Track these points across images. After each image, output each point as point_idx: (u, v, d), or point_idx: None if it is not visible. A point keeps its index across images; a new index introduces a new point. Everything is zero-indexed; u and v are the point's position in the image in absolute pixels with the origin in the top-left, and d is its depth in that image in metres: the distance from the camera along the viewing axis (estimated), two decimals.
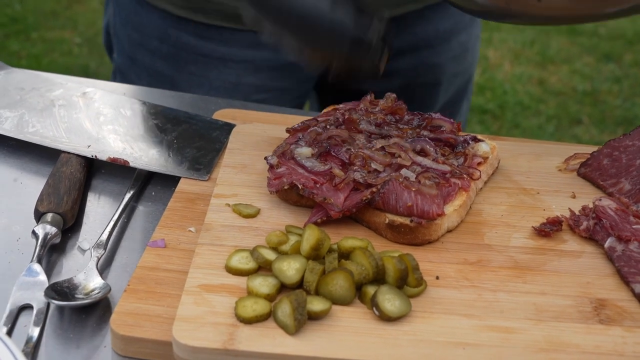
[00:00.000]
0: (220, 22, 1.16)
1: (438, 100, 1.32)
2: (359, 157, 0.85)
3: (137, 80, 1.24)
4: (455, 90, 1.34)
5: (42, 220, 0.83)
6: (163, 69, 1.22)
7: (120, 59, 1.28)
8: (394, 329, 0.70)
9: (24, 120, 1.00)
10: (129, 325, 0.71)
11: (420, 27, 1.23)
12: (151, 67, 1.22)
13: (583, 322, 0.72)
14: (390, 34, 0.84)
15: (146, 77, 1.23)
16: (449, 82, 1.31)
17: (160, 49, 1.21)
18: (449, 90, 1.32)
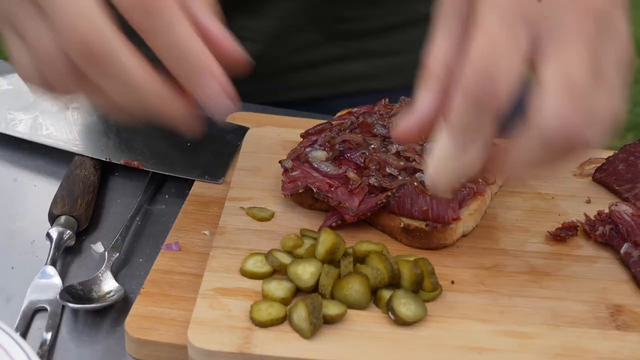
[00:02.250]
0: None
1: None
2: (373, 161, 0.85)
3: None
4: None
5: (57, 223, 0.83)
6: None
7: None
8: (409, 334, 0.69)
9: (38, 122, 1.00)
10: (143, 329, 0.71)
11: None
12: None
13: (599, 327, 0.72)
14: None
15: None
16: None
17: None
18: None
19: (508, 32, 0.59)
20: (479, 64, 0.58)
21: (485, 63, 0.58)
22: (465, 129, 0.60)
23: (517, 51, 0.59)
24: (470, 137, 0.60)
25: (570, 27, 0.60)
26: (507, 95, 0.59)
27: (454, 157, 0.61)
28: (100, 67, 0.63)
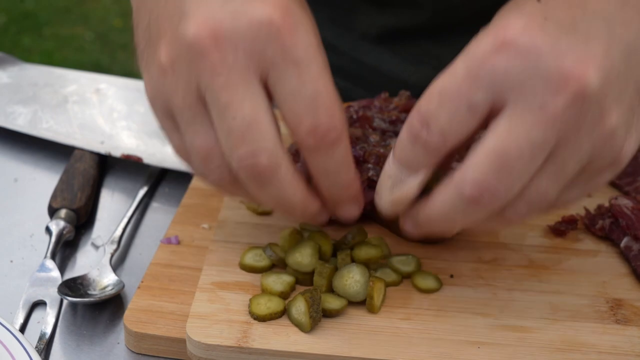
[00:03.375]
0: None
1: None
2: (373, 155, 0.85)
3: None
4: None
5: (56, 217, 0.84)
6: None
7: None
8: (408, 327, 0.69)
9: (38, 116, 1.00)
10: (142, 322, 0.71)
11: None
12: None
13: (599, 321, 0.72)
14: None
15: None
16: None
17: None
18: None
19: (465, 83, 0.59)
20: (423, 105, 0.60)
21: (427, 105, 0.60)
22: (403, 161, 0.62)
23: (467, 104, 0.58)
24: (406, 168, 0.63)
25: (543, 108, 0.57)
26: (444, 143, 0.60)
27: (392, 184, 0.64)
28: (262, 183, 0.63)
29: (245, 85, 0.61)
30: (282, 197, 0.65)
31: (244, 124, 0.61)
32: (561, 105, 0.57)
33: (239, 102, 0.61)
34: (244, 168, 0.62)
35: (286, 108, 0.62)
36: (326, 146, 0.63)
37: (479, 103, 0.58)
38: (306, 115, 0.61)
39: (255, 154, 0.61)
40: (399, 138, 0.62)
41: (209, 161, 0.65)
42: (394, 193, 0.65)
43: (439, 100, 0.59)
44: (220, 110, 0.61)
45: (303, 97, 0.61)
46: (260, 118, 0.61)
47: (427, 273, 0.75)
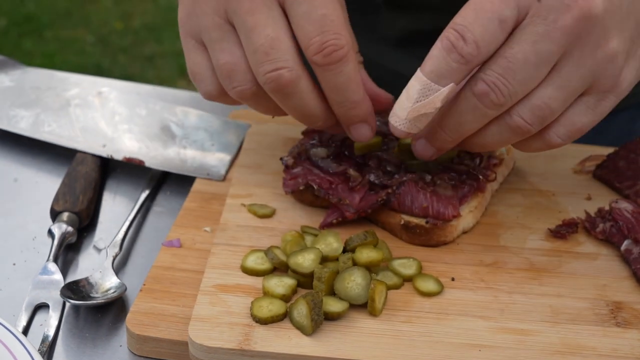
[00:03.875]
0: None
1: None
2: (373, 158, 0.85)
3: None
4: None
5: (58, 220, 0.84)
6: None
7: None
8: (409, 330, 0.70)
9: (40, 119, 1.00)
10: (144, 325, 0.71)
11: None
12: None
13: (599, 324, 0.72)
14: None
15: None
16: None
17: None
18: None
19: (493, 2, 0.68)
20: (459, 19, 0.69)
21: (464, 19, 0.68)
22: (432, 72, 0.70)
23: (498, 18, 0.67)
24: (435, 79, 0.70)
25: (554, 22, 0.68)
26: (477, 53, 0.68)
27: (417, 99, 0.71)
28: (284, 95, 0.74)
29: (267, 10, 0.72)
30: (304, 107, 0.75)
31: (267, 43, 0.71)
32: (569, 21, 0.67)
33: (263, 25, 0.71)
34: (269, 81, 0.72)
35: (299, 29, 0.72)
36: (333, 63, 0.72)
37: (508, 17, 0.68)
38: (315, 35, 0.71)
39: (278, 69, 0.72)
40: (429, 54, 0.70)
41: (233, 75, 0.75)
42: (418, 107, 0.71)
43: (474, 15, 0.68)
44: (247, 32, 0.72)
45: (312, 19, 0.71)
46: (282, 38, 0.72)
47: (428, 276, 0.76)
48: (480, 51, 0.68)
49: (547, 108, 0.70)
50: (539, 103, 0.70)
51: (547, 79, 0.70)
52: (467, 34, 0.68)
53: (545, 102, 0.70)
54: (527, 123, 0.71)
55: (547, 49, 0.68)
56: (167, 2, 4.13)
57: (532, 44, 0.68)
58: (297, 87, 0.73)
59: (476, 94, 0.70)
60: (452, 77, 0.70)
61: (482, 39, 0.68)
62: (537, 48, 0.68)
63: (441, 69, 0.69)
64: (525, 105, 0.71)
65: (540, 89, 0.70)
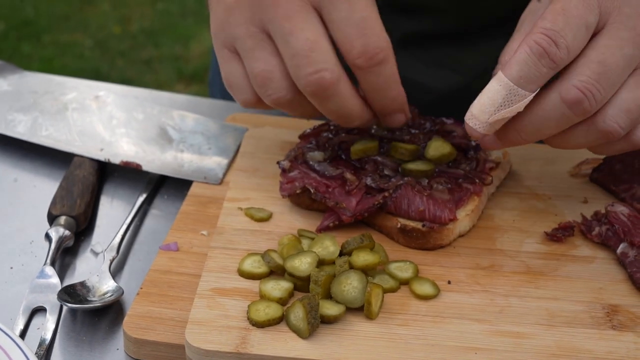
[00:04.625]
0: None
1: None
2: (370, 162, 0.85)
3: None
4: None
5: (56, 223, 0.84)
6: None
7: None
8: (405, 333, 0.70)
9: (38, 123, 1.00)
10: (141, 328, 0.71)
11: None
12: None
13: (595, 327, 0.72)
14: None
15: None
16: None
17: None
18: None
19: (582, 6, 0.70)
20: (549, 24, 0.70)
21: (554, 24, 0.70)
22: (520, 77, 0.70)
23: (585, 23, 0.70)
24: (522, 85, 0.70)
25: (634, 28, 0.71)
26: (567, 58, 0.70)
27: (501, 104, 0.72)
28: (325, 97, 0.75)
29: (303, 14, 0.72)
30: (343, 108, 0.77)
31: (307, 46, 0.72)
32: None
33: (301, 28, 0.72)
34: (310, 84, 0.73)
35: (339, 34, 0.73)
36: (375, 65, 0.73)
37: (592, 24, 0.70)
38: (356, 39, 0.72)
39: (319, 71, 0.73)
40: (516, 59, 0.71)
41: (269, 83, 0.76)
42: (503, 113, 0.72)
43: (564, 20, 0.70)
44: (285, 37, 0.73)
45: (352, 23, 0.72)
46: (320, 41, 0.73)
47: (425, 279, 0.76)
48: (570, 56, 0.70)
49: (636, 104, 0.72)
50: (632, 106, 0.72)
51: (632, 82, 0.72)
52: (559, 40, 0.69)
53: (634, 99, 0.72)
54: (621, 127, 0.73)
55: (632, 54, 0.71)
56: (165, 7, 4.13)
57: (619, 49, 0.70)
58: (337, 89, 0.74)
59: (567, 101, 0.71)
60: (540, 82, 0.71)
61: (573, 45, 0.70)
62: (624, 53, 0.71)
63: (531, 74, 0.70)
64: (618, 108, 0.72)
65: (628, 92, 0.72)
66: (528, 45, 0.70)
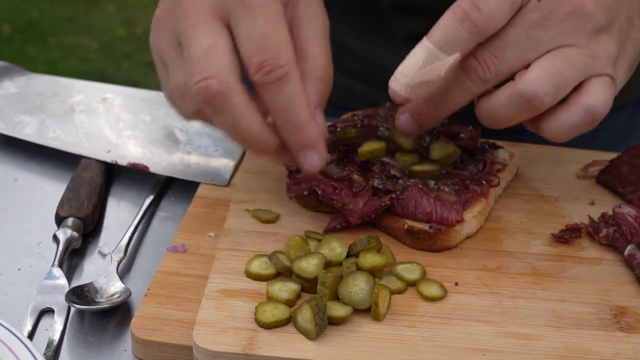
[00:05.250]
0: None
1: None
2: (377, 163, 0.85)
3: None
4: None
5: (63, 225, 0.84)
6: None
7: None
8: (413, 335, 0.70)
9: (45, 125, 1.00)
10: (149, 330, 0.71)
11: None
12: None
13: (603, 329, 0.72)
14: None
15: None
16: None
17: None
18: None
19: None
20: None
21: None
22: (441, 40, 0.71)
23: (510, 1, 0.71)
24: (443, 48, 0.71)
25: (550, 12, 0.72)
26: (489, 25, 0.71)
27: (422, 65, 0.72)
28: (215, 109, 0.71)
29: (208, 25, 0.70)
30: (236, 125, 0.71)
31: (199, 52, 0.69)
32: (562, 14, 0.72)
33: (200, 37, 0.70)
34: (198, 92, 0.70)
35: (242, 47, 0.70)
36: (273, 82, 0.69)
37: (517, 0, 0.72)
38: (255, 54, 0.69)
39: (207, 78, 0.69)
40: (439, 23, 0.72)
41: (184, 96, 0.73)
42: (421, 74, 0.71)
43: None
44: (186, 46, 0.71)
45: (254, 38, 0.69)
46: (216, 49, 0.70)
47: (432, 281, 0.76)
48: (492, 24, 0.71)
49: (561, 77, 0.73)
50: (553, 71, 0.72)
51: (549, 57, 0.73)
52: (482, 5, 0.70)
53: (559, 72, 0.72)
54: (544, 92, 0.73)
55: (538, 36, 0.72)
56: None
57: (526, 28, 0.72)
58: (228, 101, 0.70)
59: (465, 68, 0.73)
60: (460, 45, 0.71)
61: (495, 12, 0.71)
62: (529, 33, 0.72)
63: (451, 37, 0.71)
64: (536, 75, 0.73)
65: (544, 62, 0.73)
66: (452, 10, 0.72)
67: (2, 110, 1.03)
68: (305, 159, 0.74)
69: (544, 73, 0.72)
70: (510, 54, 0.73)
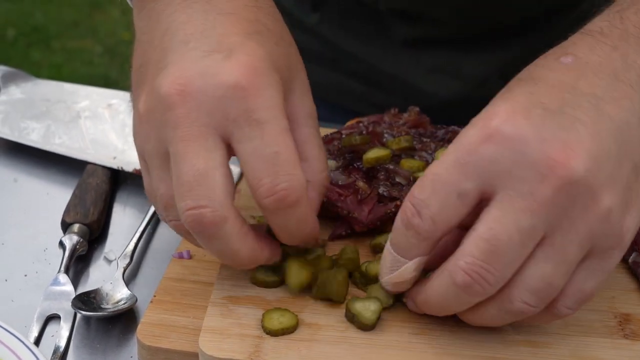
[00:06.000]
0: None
1: None
2: (382, 170, 0.85)
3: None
4: None
5: (69, 231, 0.84)
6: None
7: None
8: (422, 342, 0.70)
9: (51, 131, 1.01)
10: (155, 336, 0.71)
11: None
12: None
13: (608, 336, 0.72)
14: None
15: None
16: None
17: None
18: None
19: (455, 171, 0.61)
20: (416, 191, 0.63)
21: (421, 192, 0.62)
22: (396, 245, 0.66)
23: (457, 190, 0.61)
24: (400, 253, 0.65)
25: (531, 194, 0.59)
26: (434, 230, 0.62)
27: (390, 268, 0.68)
28: (206, 237, 0.65)
29: (202, 140, 0.63)
30: (227, 251, 0.66)
31: (193, 175, 0.62)
32: (549, 192, 0.58)
33: (193, 155, 0.62)
34: (188, 219, 0.63)
35: (247, 167, 0.64)
36: (285, 207, 0.64)
37: (469, 191, 0.60)
38: (266, 176, 0.63)
39: (199, 207, 0.63)
40: (394, 225, 0.65)
41: (169, 209, 0.67)
42: (393, 277, 0.68)
43: (431, 188, 0.61)
44: (176, 161, 0.63)
45: (263, 157, 0.63)
46: (211, 172, 0.63)
47: None
48: (438, 227, 0.62)
49: (550, 287, 0.62)
50: (540, 284, 0.62)
51: (541, 256, 0.61)
52: (423, 210, 0.62)
53: (547, 282, 0.62)
54: (531, 306, 0.63)
55: (530, 224, 0.59)
56: None
57: (513, 222, 0.59)
58: (221, 230, 0.64)
59: (458, 285, 0.62)
60: (415, 251, 0.65)
61: (439, 214, 0.62)
62: (519, 225, 0.59)
63: (403, 244, 0.65)
64: (524, 288, 0.62)
65: (535, 267, 0.61)
66: (400, 214, 0.64)
67: (8, 116, 1.03)
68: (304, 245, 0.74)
69: (533, 285, 0.62)
70: (507, 257, 0.60)
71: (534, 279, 0.62)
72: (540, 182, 0.58)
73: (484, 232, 0.60)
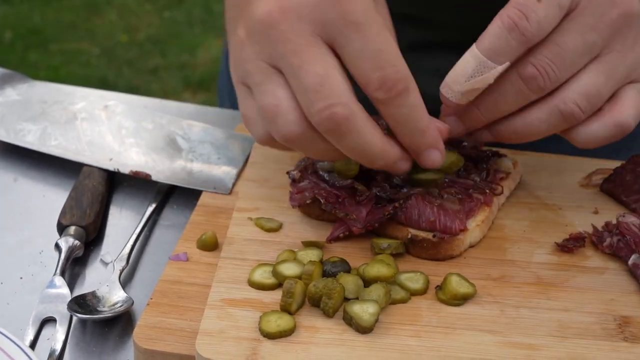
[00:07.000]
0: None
1: None
2: (380, 172, 0.85)
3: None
4: None
5: (65, 233, 0.84)
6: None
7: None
8: (416, 345, 0.69)
9: (47, 133, 1.00)
10: (151, 339, 0.71)
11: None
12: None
13: (607, 339, 0.72)
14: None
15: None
16: None
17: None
18: None
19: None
20: (522, 1, 0.72)
21: (527, 2, 0.72)
22: (490, 49, 0.73)
23: (559, 3, 0.72)
24: (492, 57, 0.73)
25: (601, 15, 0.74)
26: (538, 34, 0.72)
27: (471, 74, 0.74)
28: (340, 134, 0.70)
29: (313, 48, 0.69)
30: (362, 145, 0.71)
31: (317, 81, 0.69)
32: (614, 16, 0.74)
33: (310, 63, 0.69)
34: (323, 120, 0.69)
35: (354, 68, 0.70)
36: (396, 96, 0.70)
37: (566, 4, 0.73)
38: (373, 72, 0.69)
39: (331, 106, 0.69)
40: (487, 31, 0.73)
41: (276, 117, 0.72)
42: (472, 82, 0.74)
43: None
44: (295, 72, 0.69)
45: (367, 55, 0.69)
46: (331, 74, 0.69)
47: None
48: (541, 32, 0.72)
49: (599, 94, 0.75)
50: (592, 90, 0.75)
51: (595, 69, 0.75)
52: (531, 14, 0.71)
53: (597, 89, 0.75)
54: (581, 110, 0.75)
55: (593, 40, 0.74)
56: (171, 15, 4.14)
57: (581, 34, 0.73)
58: (353, 124, 0.70)
59: (523, 77, 0.74)
60: (509, 55, 0.73)
61: (544, 21, 0.72)
62: (585, 38, 0.73)
63: (500, 47, 0.72)
64: (578, 91, 0.75)
65: (589, 76, 0.75)
66: (500, 19, 0.72)
67: (4, 117, 1.03)
68: (427, 159, 0.76)
69: (586, 90, 0.75)
70: (569, 61, 0.74)
71: (587, 85, 0.75)
72: (610, 7, 0.74)
73: (557, 38, 0.73)
